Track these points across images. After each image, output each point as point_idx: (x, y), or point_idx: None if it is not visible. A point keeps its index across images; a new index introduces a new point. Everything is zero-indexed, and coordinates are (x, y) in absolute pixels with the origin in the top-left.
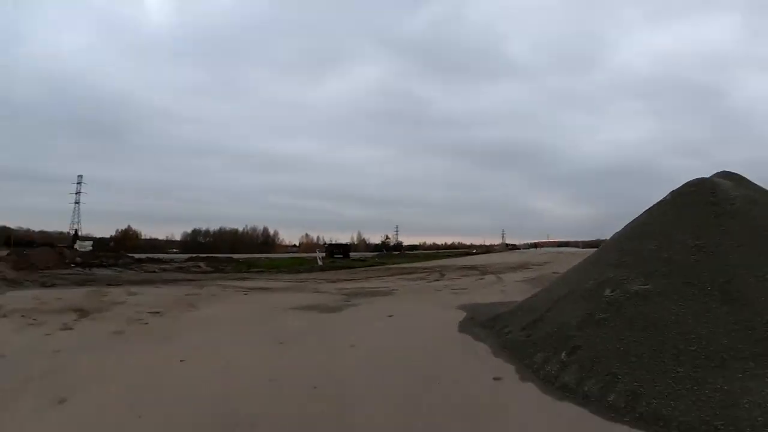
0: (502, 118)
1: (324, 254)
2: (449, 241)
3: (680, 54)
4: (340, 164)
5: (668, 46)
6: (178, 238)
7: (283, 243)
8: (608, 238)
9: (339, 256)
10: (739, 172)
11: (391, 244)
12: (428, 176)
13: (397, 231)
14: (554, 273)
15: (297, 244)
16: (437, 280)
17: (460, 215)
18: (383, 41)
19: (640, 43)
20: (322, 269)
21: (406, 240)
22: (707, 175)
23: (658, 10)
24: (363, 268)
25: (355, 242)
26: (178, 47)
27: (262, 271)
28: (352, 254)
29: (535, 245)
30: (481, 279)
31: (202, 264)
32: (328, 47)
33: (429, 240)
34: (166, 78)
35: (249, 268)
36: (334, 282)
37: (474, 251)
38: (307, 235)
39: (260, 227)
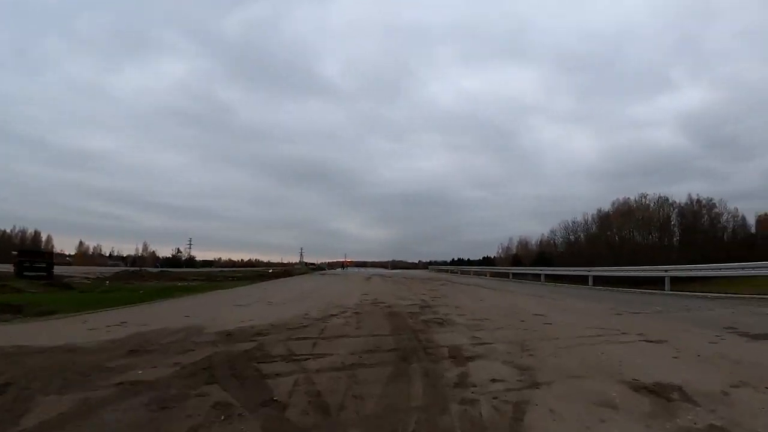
0: (307, 137)
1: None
2: (247, 258)
3: (483, 96)
4: (136, 166)
5: (474, 87)
6: None
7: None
8: (405, 259)
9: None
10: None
11: (183, 258)
12: (229, 188)
13: (190, 244)
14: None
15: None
16: None
17: (260, 232)
18: (193, 36)
19: (448, 81)
20: None
21: (202, 255)
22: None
23: (470, 54)
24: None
25: (141, 254)
26: None
27: None
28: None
29: (343, 264)
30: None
31: None
32: (134, 31)
33: (226, 256)
34: None
35: None
36: None
37: (270, 270)
38: (81, 243)
39: (32, 230)
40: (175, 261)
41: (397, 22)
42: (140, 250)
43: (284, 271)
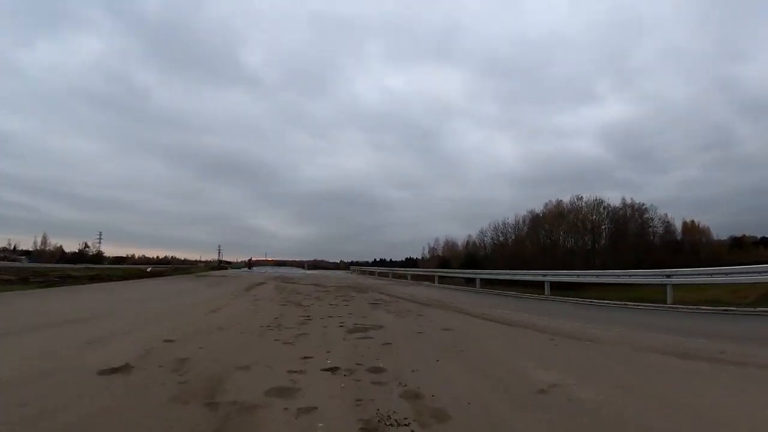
0: (227, 128)
1: None
2: (163, 255)
3: (409, 96)
4: (44, 151)
5: (400, 86)
6: None
7: None
8: (326, 259)
9: None
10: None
11: (90, 254)
12: (144, 180)
13: (100, 239)
14: None
15: None
16: None
17: (177, 227)
18: (112, 11)
19: (374, 79)
20: None
21: (113, 251)
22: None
23: (397, 52)
24: None
25: (40, 247)
26: None
27: None
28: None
29: (249, 263)
30: None
31: None
32: (49, 1)
33: (140, 252)
34: None
35: None
36: None
37: (149, 269)
38: None
39: None
40: (80, 257)
41: (326, 12)
42: (38, 243)
43: (174, 269)
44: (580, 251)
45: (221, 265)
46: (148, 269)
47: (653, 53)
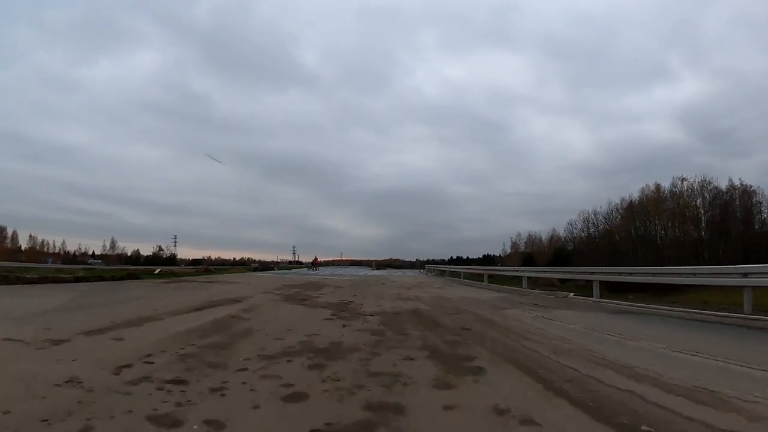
0: (288, 129)
1: None
2: (239, 256)
3: (470, 86)
4: (116, 161)
5: (459, 76)
6: None
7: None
8: (401, 257)
9: None
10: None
11: (164, 256)
12: (212, 184)
13: (175, 242)
14: None
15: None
16: None
17: (249, 229)
18: (164, 24)
19: (431, 70)
20: None
21: (190, 253)
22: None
23: (453, 40)
24: None
25: (108, 251)
26: None
27: None
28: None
29: (314, 264)
30: None
31: None
32: (103, 20)
33: (215, 254)
34: None
35: None
36: None
37: (157, 270)
38: (31, 236)
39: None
40: (154, 259)
41: (373, 3)
42: (107, 246)
43: (205, 269)
44: (686, 242)
45: (270, 265)
46: (157, 271)
47: (724, 23)
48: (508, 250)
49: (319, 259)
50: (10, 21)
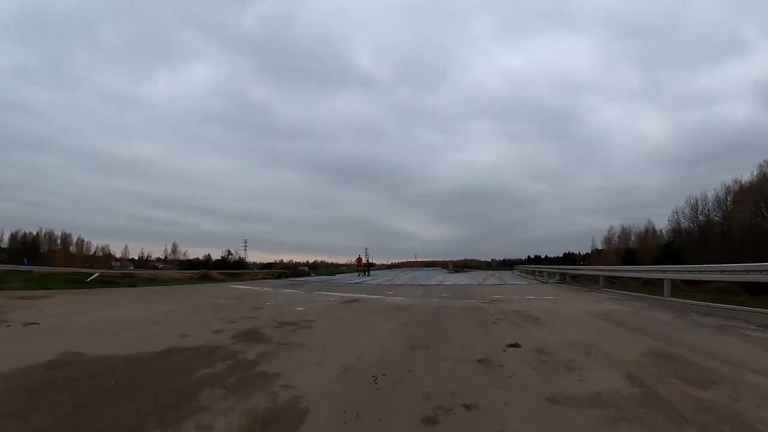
0: (350, 132)
1: None
2: (310, 260)
3: (531, 75)
4: (186, 173)
5: (519, 66)
6: None
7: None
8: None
9: None
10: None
11: (233, 260)
12: (280, 190)
13: (245, 246)
14: None
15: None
16: None
17: (319, 233)
18: (214, 36)
19: (490, 61)
20: None
21: (261, 257)
22: None
23: (508, 27)
24: None
25: (169, 255)
26: None
27: None
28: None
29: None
30: None
31: None
32: (156, 37)
33: (287, 258)
34: None
35: None
36: None
37: (160, 266)
38: (84, 241)
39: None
40: (223, 263)
41: None
42: (169, 250)
43: (203, 275)
44: None
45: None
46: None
47: None
48: (599, 247)
49: (371, 260)
50: (68, 44)
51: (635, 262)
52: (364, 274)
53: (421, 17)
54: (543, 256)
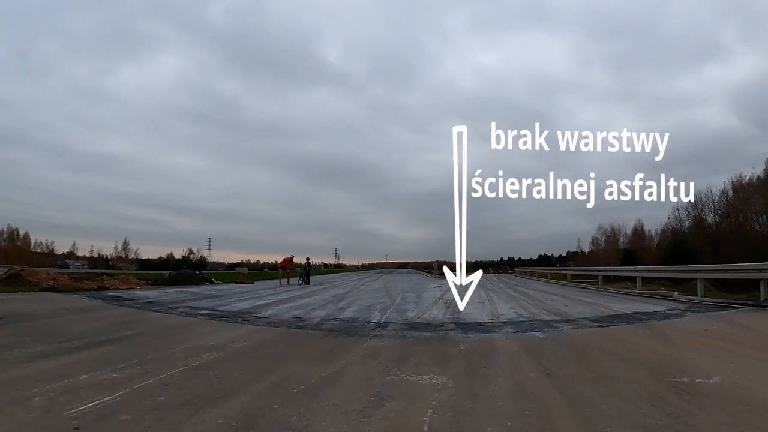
0: (321, 130)
1: None
2: (280, 260)
3: (506, 73)
4: (156, 169)
5: (493, 63)
6: None
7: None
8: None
9: None
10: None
11: (194, 260)
12: (251, 189)
13: (209, 246)
14: None
15: None
16: None
17: (292, 233)
18: (181, 26)
19: (463, 58)
20: None
21: (228, 257)
22: None
23: (483, 21)
24: None
25: (120, 253)
26: None
27: None
28: None
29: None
30: None
31: None
32: (120, 27)
33: (254, 258)
34: None
35: None
36: None
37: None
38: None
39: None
40: (183, 262)
41: None
42: (119, 247)
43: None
44: None
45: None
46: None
47: None
48: (585, 249)
49: (303, 260)
50: (36, 32)
51: (635, 262)
52: (301, 281)
53: (393, 10)
54: (517, 258)
